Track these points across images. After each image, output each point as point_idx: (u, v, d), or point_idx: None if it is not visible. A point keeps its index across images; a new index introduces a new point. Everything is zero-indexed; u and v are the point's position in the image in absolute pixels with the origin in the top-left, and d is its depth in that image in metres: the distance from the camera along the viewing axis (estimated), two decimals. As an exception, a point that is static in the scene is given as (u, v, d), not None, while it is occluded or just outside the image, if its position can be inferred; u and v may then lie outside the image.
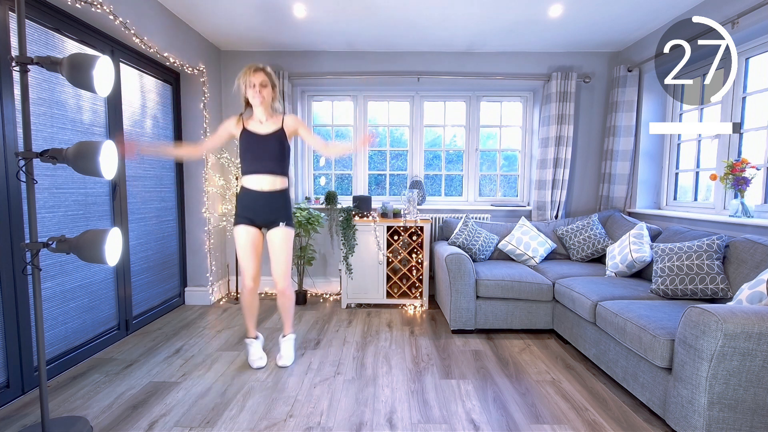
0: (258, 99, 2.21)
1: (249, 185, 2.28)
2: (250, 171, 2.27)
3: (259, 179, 2.26)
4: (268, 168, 2.26)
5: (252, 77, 2.19)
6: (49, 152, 1.61)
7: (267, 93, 2.23)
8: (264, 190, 2.27)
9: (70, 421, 1.79)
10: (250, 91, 2.21)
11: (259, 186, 2.26)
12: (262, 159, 2.25)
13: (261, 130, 2.27)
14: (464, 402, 2.03)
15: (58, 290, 2.26)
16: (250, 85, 2.20)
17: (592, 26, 3.25)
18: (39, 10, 2.10)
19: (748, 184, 2.54)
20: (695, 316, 1.61)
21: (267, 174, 2.26)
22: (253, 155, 2.26)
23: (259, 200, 2.27)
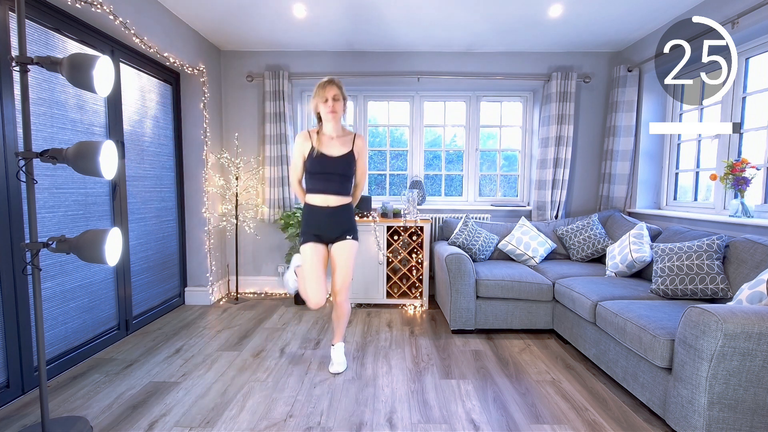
0: (331, 114, 2.19)
1: (316, 203, 2.27)
2: (317, 190, 2.26)
3: (327, 198, 2.26)
4: (335, 189, 2.26)
5: (326, 91, 2.18)
6: (49, 152, 1.61)
7: (339, 107, 2.21)
8: (330, 206, 2.26)
9: (70, 421, 1.79)
10: (323, 106, 2.20)
11: (326, 203, 2.26)
12: (330, 181, 2.24)
13: (332, 151, 2.24)
14: (464, 402, 2.03)
15: (58, 290, 2.26)
16: (322, 100, 2.19)
17: (592, 26, 3.25)
18: (39, 10, 2.10)
19: (748, 184, 2.54)
20: (695, 316, 1.61)
21: (335, 195, 2.26)
22: (322, 176, 2.24)
23: (326, 216, 2.26)
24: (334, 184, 2.25)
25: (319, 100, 2.20)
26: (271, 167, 3.78)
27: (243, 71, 3.87)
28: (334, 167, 2.23)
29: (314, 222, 2.28)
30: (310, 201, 2.29)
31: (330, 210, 2.26)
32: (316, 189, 2.27)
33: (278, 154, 3.77)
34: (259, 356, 2.54)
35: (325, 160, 2.23)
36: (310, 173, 2.27)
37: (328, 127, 2.26)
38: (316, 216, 2.27)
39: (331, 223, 2.27)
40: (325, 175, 2.24)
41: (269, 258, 4.05)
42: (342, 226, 2.29)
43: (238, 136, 3.92)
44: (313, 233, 2.28)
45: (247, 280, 4.05)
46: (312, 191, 2.29)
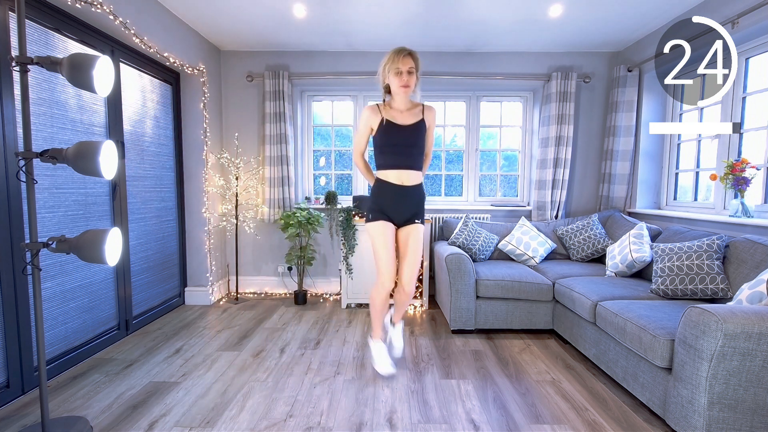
0: (403, 88, 2.04)
1: (389, 179, 2.13)
2: (389, 165, 2.12)
3: (400, 174, 2.11)
4: (408, 163, 2.12)
5: (400, 63, 2.01)
6: (49, 152, 1.61)
7: (413, 81, 2.06)
8: (405, 185, 2.12)
9: (70, 421, 1.79)
10: (395, 79, 2.04)
11: (400, 180, 2.11)
12: (403, 153, 2.10)
13: (402, 120, 2.11)
14: (464, 402, 2.03)
15: (58, 290, 2.26)
16: (395, 72, 2.03)
17: (592, 26, 3.25)
18: (39, 10, 2.10)
19: (748, 184, 2.54)
20: (695, 316, 1.61)
21: (408, 169, 2.12)
22: (395, 149, 2.11)
23: (400, 195, 2.13)
24: (407, 157, 2.11)
25: (392, 71, 2.04)
26: (271, 167, 3.78)
27: (243, 71, 3.87)
28: (406, 137, 2.10)
29: (386, 201, 2.15)
30: (384, 177, 2.14)
31: (404, 190, 2.13)
32: (388, 164, 2.13)
33: (278, 154, 3.77)
34: (259, 356, 2.54)
35: (396, 130, 2.10)
36: (381, 147, 2.13)
37: (398, 101, 2.12)
38: (389, 194, 2.14)
39: (404, 204, 2.14)
40: (397, 147, 2.11)
41: (269, 258, 4.05)
42: (413, 208, 2.17)
43: (238, 136, 3.92)
44: (383, 212, 2.15)
45: (247, 280, 4.05)
46: (384, 166, 2.14)
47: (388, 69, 2.07)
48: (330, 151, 4.18)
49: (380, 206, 2.16)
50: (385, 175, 2.15)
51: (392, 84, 2.07)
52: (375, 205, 2.18)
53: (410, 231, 2.18)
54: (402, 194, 2.14)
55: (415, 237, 2.17)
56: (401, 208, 2.15)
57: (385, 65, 2.08)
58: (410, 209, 2.16)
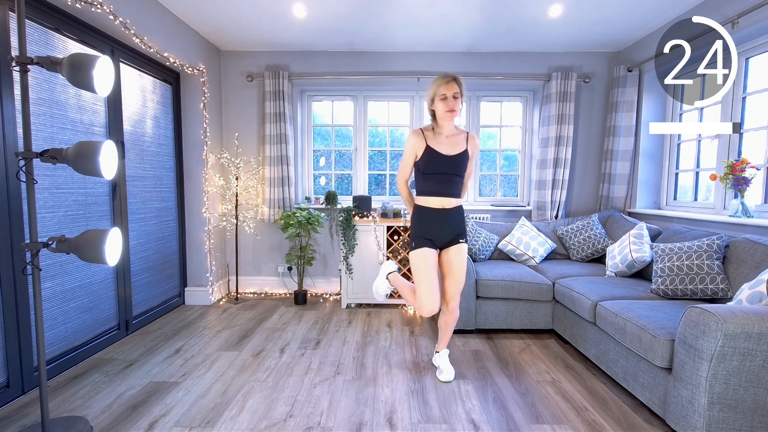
0: (449, 113, 2.07)
1: (431, 205, 2.17)
2: (432, 192, 2.16)
3: (441, 200, 2.16)
4: (450, 191, 2.16)
5: (445, 88, 2.06)
6: (49, 152, 1.61)
7: (458, 105, 2.09)
8: (446, 208, 2.16)
9: (70, 421, 1.79)
10: (441, 104, 2.08)
11: (441, 205, 2.16)
12: (446, 182, 2.15)
13: (447, 150, 2.13)
14: (464, 402, 2.03)
15: (58, 290, 2.26)
16: (441, 97, 2.07)
17: (592, 26, 3.25)
18: (39, 10, 2.10)
19: (748, 184, 2.54)
20: (695, 316, 1.60)
21: (449, 197, 2.16)
22: (437, 177, 2.14)
23: (442, 218, 2.16)
24: (449, 186, 2.15)
25: (438, 97, 2.08)
26: (271, 167, 3.78)
27: (243, 71, 3.87)
28: (450, 167, 2.13)
29: (429, 225, 2.17)
30: (425, 203, 2.18)
31: (446, 212, 2.16)
32: (431, 191, 2.16)
33: (278, 154, 3.77)
34: (259, 356, 2.54)
35: (441, 159, 2.12)
36: (425, 174, 2.16)
37: (444, 126, 2.15)
38: (431, 219, 2.17)
39: (446, 226, 2.17)
40: (440, 175, 2.14)
41: (269, 258, 4.05)
42: (456, 229, 2.19)
43: (238, 136, 3.92)
44: (426, 237, 2.17)
45: (247, 280, 4.05)
46: (426, 193, 2.18)
47: (433, 95, 2.11)
48: (330, 151, 4.18)
49: (423, 232, 2.18)
50: (426, 201, 2.18)
51: (438, 109, 2.11)
52: (418, 231, 2.20)
53: (454, 252, 2.20)
54: (444, 217, 2.17)
55: (459, 256, 2.19)
56: (444, 231, 2.18)
57: (431, 92, 2.12)
58: (453, 230, 2.19)
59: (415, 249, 2.19)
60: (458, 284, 2.21)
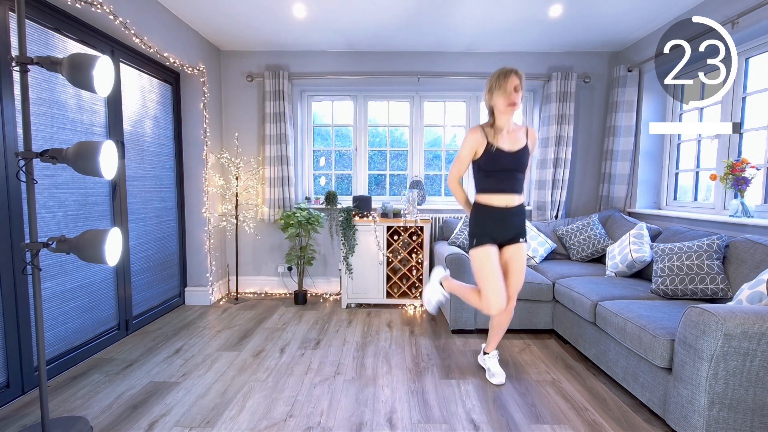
0: (510, 107, 2.02)
1: (494, 203, 2.12)
2: (495, 190, 2.12)
3: (505, 198, 2.12)
4: (514, 188, 2.11)
5: (507, 82, 2.00)
6: (49, 152, 1.61)
7: (519, 99, 2.03)
8: (509, 206, 2.12)
9: (70, 421, 1.79)
10: (501, 98, 2.02)
11: (505, 204, 2.12)
12: (509, 179, 2.10)
13: (508, 146, 2.09)
14: (464, 402, 2.03)
15: (58, 290, 2.26)
16: (501, 91, 2.01)
17: (592, 26, 3.25)
18: (39, 10, 2.10)
19: (748, 184, 2.54)
20: (695, 316, 1.60)
21: (513, 194, 2.12)
22: (500, 174, 2.10)
23: (506, 217, 2.13)
24: (513, 182, 2.10)
25: (499, 91, 2.02)
26: (271, 167, 3.78)
27: (243, 71, 3.87)
28: (512, 164, 2.08)
29: (492, 224, 2.13)
30: (487, 202, 2.13)
31: (509, 211, 2.12)
32: (494, 188, 2.11)
33: (278, 154, 3.77)
34: (259, 356, 2.54)
35: (504, 156, 2.07)
36: (486, 171, 2.11)
37: (503, 121, 2.08)
38: (495, 217, 2.12)
39: (508, 224, 2.13)
40: (503, 172, 2.09)
41: (269, 258, 4.05)
42: (517, 227, 2.15)
43: (238, 136, 3.92)
44: (489, 235, 2.13)
45: (247, 280, 4.05)
46: (489, 191, 2.13)
47: (493, 89, 2.06)
48: (330, 151, 4.18)
49: (485, 229, 2.14)
50: (489, 199, 2.14)
51: (498, 103, 2.05)
52: (479, 229, 2.16)
53: (514, 251, 2.16)
54: (508, 215, 2.13)
55: (519, 256, 2.17)
56: (506, 229, 2.14)
57: (491, 86, 2.07)
58: (515, 228, 2.15)
59: (477, 246, 2.14)
60: (518, 284, 2.18)
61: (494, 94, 2.05)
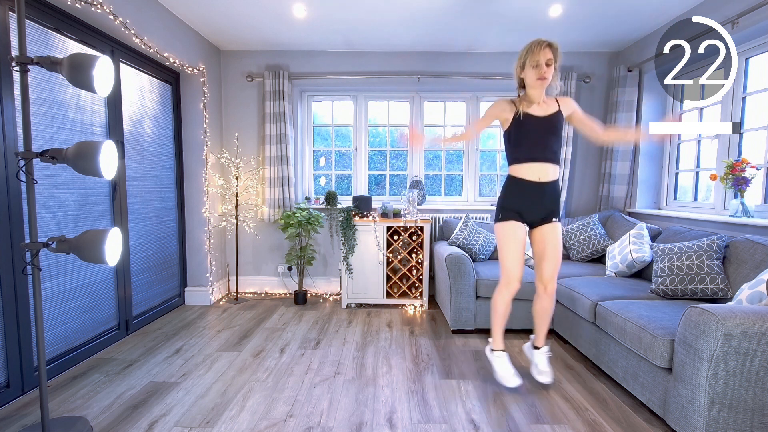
0: (540, 81, 1.93)
1: (525, 175, 2.02)
2: (526, 158, 2.01)
3: (538, 168, 2.00)
4: (547, 155, 2.00)
5: (539, 55, 1.91)
6: (49, 152, 1.61)
7: (551, 73, 1.94)
8: (542, 181, 2.01)
9: (70, 421, 1.79)
10: (532, 71, 1.94)
11: (537, 176, 2.01)
12: (541, 144, 1.99)
13: (539, 112, 2.00)
14: (464, 402, 2.03)
15: (58, 290, 2.26)
16: (533, 64, 1.93)
17: (592, 26, 3.25)
18: (39, 10, 2.10)
19: (748, 184, 2.54)
20: (695, 316, 1.60)
21: (546, 162, 2.01)
22: (532, 140, 1.99)
23: (537, 193, 2.03)
24: (545, 149, 1.99)
25: (529, 63, 1.94)
26: (271, 167, 3.78)
27: (243, 71, 3.87)
28: (544, 126, 1.99)
29: (522, 200, 2.05)
30: (520, 174, 2.04)
31: (543, 186, 2.02)
32: (526, 157, 2.01)
33: (278, 154, 3.77)
34: (259, 356, 2.54)
35: (533, 120, 1.99)
36: (518, 139, 2.02)
37: (533, 94, 2.00)
38: (526, 193, 2.03)
39: (541, 203, 2.04)
40: (534, 137, 1.99)
41: (269, 258, 4.05)
42: (550, 206, 2.06)
43: (238, 136, 3.92)
44: (515, 210, 2.05)
45: (247, 280, 4.05)
46: (521, 160, 2.02)
47: (525, 61, 1.97)
48: (330, 151, 4.18)
49: (514, 206, 2.07)
50: (522, 171, 2.04)
51: (528, 77, 1.97)
52: (508, 203, 2.08)
53: (548, 230, 2.08)
54: (540, 193, 2.03)
55: (554, 236, 2.08)
56: (538, 208, 2.06)
57: (522, 57, 1.98)
58: (547, 207, 2.06)
59: (501, 221, 2.09)
60: (556, 264, 2.10)
61: (525, 66, 1.98)
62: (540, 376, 2.16)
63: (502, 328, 2.21)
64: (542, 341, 2.24)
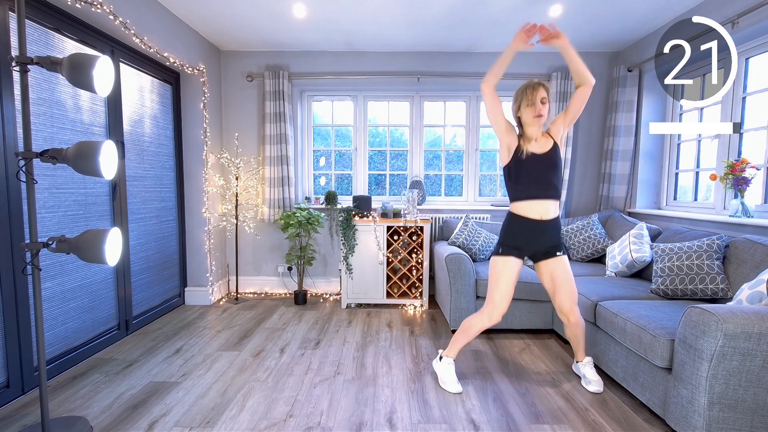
0: (537, 118, 2.03)
1: (527, 214, 2.07)
2: (528, 196, 2.07)
3: (540, 206, 2.06)
4: (548, 193, 2.06)
5: (533, 95, 2.03)
6: (49, 152, 1.61)
7: (546, 111, 2.04)
8: (544, 219, 2.06)
9: (70, 421, 1.79)
10: (528, 110, 2.04)
11: (540, 215, 2.06)
12: (542, 182, 2.05)
13: (537, 149, 2.07)
14: (464, 402, 2.03)
15: (58, 290, 2.26)
16: (529, 103, 2.03)
17: (592, 26, 3.25)
18: (39, 10, 2.10)
19: (748, 184, 2.54)
20: (695, 316, 1.60)
21: (548, 200, 2.06)
22: (533, 178, 2.06)
23: (538, 230, 2.08)
24: (546, 186, 2.05)
25: (525, 103, 2.05)
26: (271, 167, 3.78)
27: (243, 71, 3.87)
28: (544, 163, 2.05)
29: (522, 237, 2.09)
30: (520, 212, 2.09)
31: (544, 225, 2.07)
32: (527, 195, 2.07)
33: (278, 154, 3.77)
34: (259, 356, 2.54)
35: (533, 158, 2.05)
36: (518, 177, 2.08)
37: (531, 131, 2.09)
38: (527, 231, 2.08)
39: (542, 239, 2.09)
40: (535, 175, 2.05)
41: (269, 258, 4.05)
42: (552, 241, 2.11)
43: (238, 136, 3.92)
44: (515, 246, 2.10)
45: (247, 280, 4.05)
46: (523, 197, 2.08)
47: (520, 102, 2.07)
48: (330, 151, 4.18)
49: (515, 242, 2.11)
50: (524, 209, 2.08)
51: (525, 115, 2.06)
52: (509, 240, 2.13)
53: (555, 265, 2.12)
54: (542, 230, 2.08)
55: (563, 270, 2.12)
56: (539, 243, 2.11)
57: (518, 99, 2.09)
58: (549, 243, 2.11)
59: (500, 255, 2.12)
60: (571, 295, 2.12)
61: (521, 107, 2.08)
62: (590, 386, 2.17)
63: (462, 345, 2.22)
64: (582, 355, 2.25)
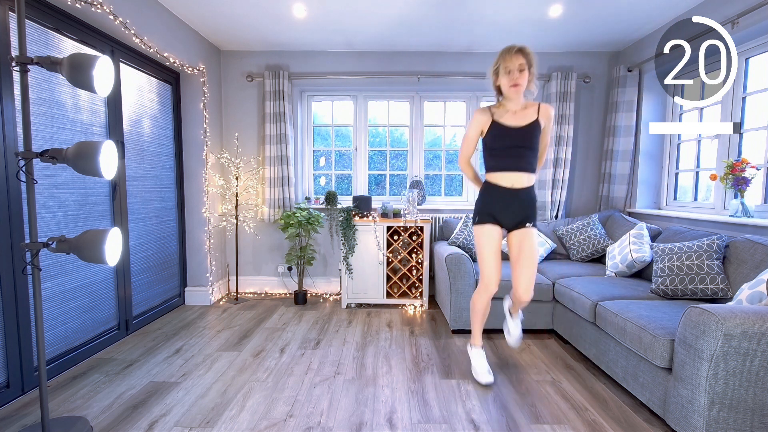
0: (513, 88, 1.94)
1: (498, 182, 2.06)
2: (501, 168, 2.05)
3: (511, 176, 2.03)
4: (521, 165, 2.02)
5: (509, 62, 1.92)
6: (49, 152, 1.61)
7: (524, 79, 1.95)
8: (516, 187, 2.04)
9: (70, 421, 1.79)
10: (505, 78, 1.96)
11: (511, 183, 2.04)
12: (515, 155, 2.01)
13: (514, 122, 2.01)
14: (464, 402, 2.03)
15: (58, 290, 2.26)
16: (505, 71, 1.95)
17: (592, 26, 3.25)
18: (39, 10, 2.10)
19: (748, 184, 2.54)
20: (695, 316, 1.61)
21: (520, 171, 2.03)
22: (505, 151, 2.02)
23: (510, 198, 2.05)
24: (518, 159, 2.01)
25: (502, 70, 1.96)
26: (271, 167, 3.78)
27: (243, 71, 3.87)
28: (519, 139, 2.00)
29: (495, 204, 2.08)
30: (494, 180, 2.07)
31: (515, 193, 2.04)
32: (500, 166, 2.04)
33: (278, 154, 3.77)
34: (259, 356, 2.54)
35: (509, 132, 2.00)
36: (492, 149, 2.06)
37: (509, 102, 2.03)
38: (499, 198, 2.07)
39: (514, 207, 2.06)
40: (509, 149, 2.01)
41: (269, 258, 4.05)
42: (524, 211, 2.07)
43: (238, 136, 3.92)
44: (490, 213, 2.09)
45: (247, 280, 4.05)
46: (495, 169, 2.06)
47: (498, 68, 1.99)
48: (330, 151, 4.18)
49: (489, 209, 2.10)
50: (496, 178, 2.07)
51: (503, 84, 2.00)
52: (483, 207, 2.13)
53: (523, 235, 2.09)
54: (513, 197, 2.06)
55: (529, 241, 2.08)
56: (511, 212, 2.08)
57: (495, 64, 2.01)
58: (521, 212, 2.08)
59: (477, 224, 2.13)
60: (530, 273, 2.07)
61: (499, 74, 2.00)
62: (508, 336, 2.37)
63: (481, 326, 2.30)
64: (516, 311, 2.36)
